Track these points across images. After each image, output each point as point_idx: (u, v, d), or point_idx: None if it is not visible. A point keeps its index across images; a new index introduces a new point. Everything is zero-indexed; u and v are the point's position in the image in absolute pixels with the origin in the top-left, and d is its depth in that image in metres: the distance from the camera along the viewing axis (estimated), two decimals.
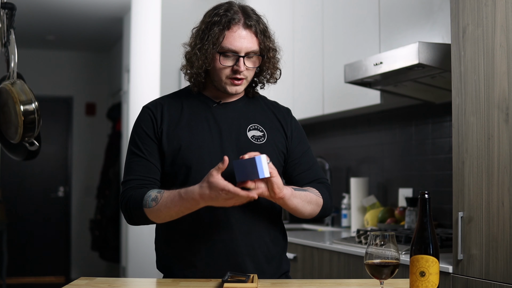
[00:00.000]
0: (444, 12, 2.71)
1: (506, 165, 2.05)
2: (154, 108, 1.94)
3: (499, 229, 2.06)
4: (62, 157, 7.86)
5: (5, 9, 2.43)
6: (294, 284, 1.80)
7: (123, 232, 6.32)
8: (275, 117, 2.00)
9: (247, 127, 1.93)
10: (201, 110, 1.94)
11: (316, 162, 2.05)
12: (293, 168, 1.98)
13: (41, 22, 6.56)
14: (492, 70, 2.12)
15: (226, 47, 1.86)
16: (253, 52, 1.88)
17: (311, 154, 2.04)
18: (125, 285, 1.93)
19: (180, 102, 1.97)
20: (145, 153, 1.89)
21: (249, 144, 1.90)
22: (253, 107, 2.00)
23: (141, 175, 1.88)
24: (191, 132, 1.90)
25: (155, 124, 1.91)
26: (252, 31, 1.87)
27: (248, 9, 1.92)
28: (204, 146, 1.88)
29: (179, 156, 1.88)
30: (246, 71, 1.89)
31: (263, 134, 1.94)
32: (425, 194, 1.58)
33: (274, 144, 1.94)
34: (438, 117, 3.25)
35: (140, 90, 5.42)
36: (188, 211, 1.79)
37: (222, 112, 1.95)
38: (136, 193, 1.84)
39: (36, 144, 2.50)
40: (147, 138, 1.90)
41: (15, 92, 2.42)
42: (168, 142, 1.89)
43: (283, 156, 1.97)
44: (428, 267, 1.54)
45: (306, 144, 2.04)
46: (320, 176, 2.02)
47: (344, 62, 3.28)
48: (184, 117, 1.93)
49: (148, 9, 5.17)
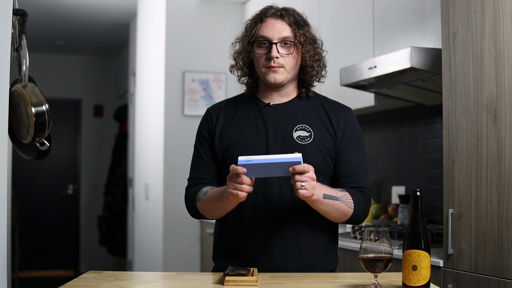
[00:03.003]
0: (435, 18, 2.72)
1: (494, 164, 2.07)
2: (212, 111, 2.02)
3: (488, 225, 2.09)
4: (71, 156, 7.90)
5: (17, 16, 2.45)
6: (292, 278, 1.81)
7: (130, 228, 6.33)
8: (327, 117, 1.96)
9: (294, 128, 1.92)
10: (252, 111, 1.97)
11: (365, 171, 1.96)
12: (339, 170, 1.93)
13: (51, 28, 6.57)
14: (481, 74, 2.13)
15: (259, 35, 1.90)
16: (286, 38, 1.88)
17: (361, 161, 1.96)
18: (132, 279, 1.96)
19: (237, 104, 2.02)
20: (201, 153, 1.99)
21: (293, 144, 1.89)
22: (304, 108, 1.97)
23: (199, 174, 1.99)
24: (239, 132, 1.94)
25: (211, 125, 1.99)
26: (285, 20, 1.90)
27: (289, 8, 1.95)
28: (250, 145, 1.91)
29: (228, 155, 1.93)
30: (282, 58, 1.89)
31: (309, 135, 1.91)
32: (417, 192, 1.60)
33: (320, 144, 1.90)
34: (429, 119, 3.25)
35: (146, 92, 5.43)
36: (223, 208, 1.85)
37: (271, 113, 1.95)
38: (194, 189, 1.97)
39: (46, 144, 2.52)
40: (204, 139, 2.00)
41: (26, 95, 2.43)
42: (219, 142, 1.96)
43: (331, 156, 1.92)
44: (420, 261, 1.56)
45: (359, 149, 1.96)
46: (362, 185, 1.93)
47: (340, 66, 3.26)
48: (237, 118, 1.97)
49: (154, 15, 5.17)
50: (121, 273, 1.91)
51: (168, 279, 1.83)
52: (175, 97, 4.82)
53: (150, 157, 5.24)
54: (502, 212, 2.04)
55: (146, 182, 5.34)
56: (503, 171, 2.05)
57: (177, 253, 4.80)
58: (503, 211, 2.04)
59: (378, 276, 1.62)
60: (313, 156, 1.88)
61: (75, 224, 7.83)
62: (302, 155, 1.76)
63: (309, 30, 1.95)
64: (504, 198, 2.04)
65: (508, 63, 2.04)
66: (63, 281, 1.76)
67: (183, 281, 1.77)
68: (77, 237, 7.82)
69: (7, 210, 2.21)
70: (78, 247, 7.81)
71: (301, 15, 1.96)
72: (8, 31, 2.22)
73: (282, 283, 1.73)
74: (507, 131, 2.04)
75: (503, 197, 2.04)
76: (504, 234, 2.03)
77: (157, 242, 4.92)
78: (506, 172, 2.04)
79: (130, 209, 6.28)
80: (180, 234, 4.81)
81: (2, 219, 2.18)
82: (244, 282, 1.65)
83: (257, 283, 1.66)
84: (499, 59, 2.07)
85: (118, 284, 1.73)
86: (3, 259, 2.18)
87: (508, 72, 2.04)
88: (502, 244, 2.04)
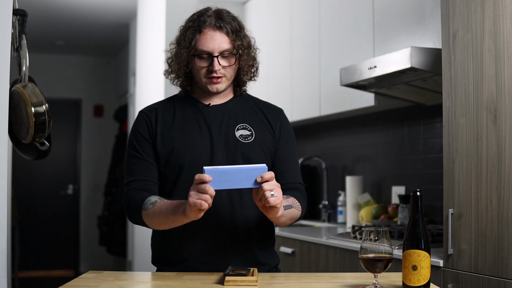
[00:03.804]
0: (435, 18, 2.73)
1: (494, 164, 2.07)
2: (149, 112, 2.00)
3: (488, 225, 2.09)
4: (71, 156, 7.91)
5: (17, 16, 2.45)
6: (292, 278, 1.81)
7: (130, 228, 6.34)
8: (265, 117, 2.02)
9: (235, 127, 1.96)
10: (191, 112, 1.99)
11: (298, 167, 2.05)
12: (275, 167, 1.99)
13: (51, 28, 6.57)
14: (480, 74, 2.13)
15: (199, 48, 1.91)
16: (226, 50, 1.91)
17: (295, 157, 2.04)
18: (131, 279, 1.95)
19: (173, 106, 2.02)
20: (143, 154, 1.94)
21: (237, 143, 1.94)
22: (242, 108, 2.02)
23: (142, 176, 1.93)
24: (183, 134, 1.94)
25: (150, 126, 1.96)
26: (223, 31, 1.91)
27: (223, 12, 1.95)
28: (195, 146, 1.92)
29: (172, 157, 1.92)
30: (223, 69, 1.92)
31: (251, 133, 1.96)
32: (417, 192, 1.60)
33: (262, 142, 1.96)
34: (429, 118, 3.26)
35: (146, 92, 5.43)
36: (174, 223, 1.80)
37: (211, 114, 1.98)
38: (138, 195, 1.89)
39: (46, 144, 2.51)
40: (144, 140, 1.96)
41: (26, 95, 2.43)
42: (162, 144, 1.94)
43: (271, 154, 1.99)
44: (420, 261, 1.56)
45: (292, 146, 2.04)
46: (298, 180, 2.02)
47: (340, 66, 3.28)
48: (177, 120, 1.97)
49: (153, 15, 5.18)
50: (121, 273, 1.90)
51: (168, 279, 1.82)
52: None
53: None
54: (502, 212, 2.04)
55: None
56: (503, 171, 2.05)
57: None
58: (503, 211, 2.04)
59: (378, 276, 1.62)
60: (256, 154, 1.93)
61: (75, 224, 7.84)
62: (247, 153, 1.88)
63: (244, 34, 1.97)
64: (504, 198, 2.04)
65: (508, 63, 2.04)
66: (63, 281, 1.76)
67: (183, 281, 1.76)
68: (77, 237, 7.83)
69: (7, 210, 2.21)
70: (78, 247, 7.82)
71: (235, 18, 1.96)
72: (8, 31, 2.23)
73: (282, 283, 1.73)
74: (507, 131, 2.04)
75: (503, 197, 2.04)
76: (504, 234, 2.03)
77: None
78: (506, 172, 2.04)
79: None
80: None
81: (2, 219, 2.18)
82: (244, 282, 1.66)
83: (257, 283, 1.66)
84: (499, 59, 2.07)
85: (118, 284, 1.73)
86: (3, 259, 2.18)
87: (508, 72, 2.04)
88: (502, 244, 2.04)
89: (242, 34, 1.95)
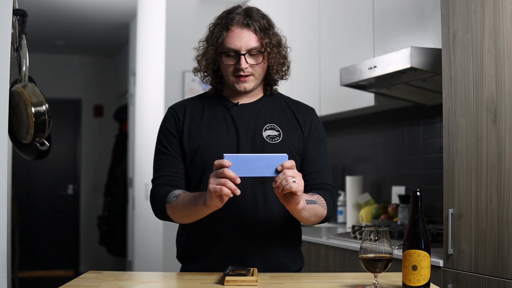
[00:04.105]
0: (435, 18, 2.73)
1: (494, 164, 2.07)
2: (177, 109, 2.00)
3: (488, 225, 2.09)
4: (71, 156, 7.92)
5: (17, 16, 2.45)
6: (292, 278, 1.81)
7: (130, 228, 6.35)
8: (294, 116, 1.99)
9: (263, 127, 1.94)
10: (220, 111, 1.97)
11: (328, 168, 2.00)
12: (304, 167, 1.96)
13: (51, 28, 6.58)
14: (481, 74, 2.14)
15: (226, 46, 1.89)
16: (253, 49, 1.88)
17: (325, 158, 2.00)
18: (132, 279, 1.95)
19: (202, 103, 2.01)
20: (170, 150, 1.95)
21: (263, 144, 1.91)
22: (271, 107, 1.99)
23: (168, 172, 1.93)
24: (209, 132, 1.93)
25: (178, 123, 1.96)
26: (251, 29, 1.88)
27: (252, 10, 1.93)
28: (221, 145, 1.90)
29: (198, 155, 1.92)
30: (251, 68, 1.90)
31: (278, 134, 1.93)
32: (417, 192, 1.60)
33: (289, 142, 1.93)
34: (429, 119, 3.26)
35: (146, 92, 5.44)
36: (195, 214, 1.79)
37: (240, 113, 1.96)
38: (162, 190, 1.89)
39: (46, 144, 2.51)
40: (171, 136, 1.96)
41: (26, 95, 2.43)
42: (188, 141, 1.93)
43: (299, 155, 1.96)
44: (420, 261, 1.56)
45: (323, 147, 2.00)
46: (326, 181, 1.97)
47: (340, 66, 3.28)
48: (205, 118, 1.96)
49: (153, 15, 5.18)
50: (121, 273, 1.91)
51: (168, 279, 1.83)
52: (175, 97, 4.83)
53: (150, 157, 5.23)
54: (502, 212, 2.05)
55: (146, 182, 5.34)
56: (503, 171, 2.05)
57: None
58: (503, 211, 2.04)
59: (378, 276, 1.62)
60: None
61: (75, 224, 7.85)
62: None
63: (274, 32, 1.95)
64: (504, 198, 2.04)
65: (508, 63, 2.05)
66: (63, 281, 1.76)
67: (183, 281, 1.77)
68: (77, 237, 7.84)
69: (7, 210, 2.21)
70: (78, 247, 7.83)
71: (265, 16, 1.94)
72: (8, 31, 2.23)
73: (282, 283, 1.73)
74: (507, 131, 2.05)
75: (503, 197, 2.05)
76: (504, 234, 2.04)
77: (157, 242, 4.92)
78: (506, 172, 2.04)
79: (130, 209, 6.28)
80: None
81: (2, 219, 2.18)
82: (244, 282, 1.66)
83: (257, 283, 1.66)
84: (499, 59, 2.08)
85: (118, 284, 1.73)
86: (3, 259, 2.18)
87: (508, 72, 2.05)
88: (502, 244, 2.04)
89: (271, 32, 1.93)
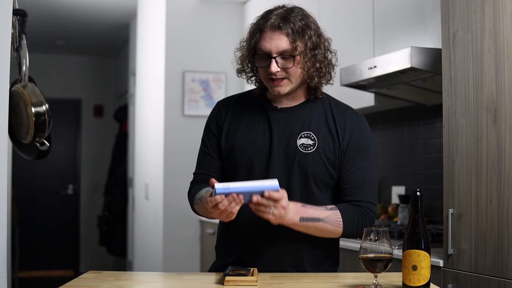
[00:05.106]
0: (435, 18, 2.73)
1: (494, 164, 2.08)
2: (222, 106, 1.99)
3: (488, 225, 2.09)
4: (71, 156, 7.93)
5: (17, 16, 2.45)
6: (292, 277, 1.81)
7: (130, 228, 6.36)
8: (334, 126, 1.89)
9: (298, 135, 1.87)
10: (259, 112, 1.93)
11: (368, 183, 1.89)
12: (340, 181, 1.88)
13: (51, 28, 6.58)
14: (480, 74, 2.14)
15: (258, 48, 1.85)
16: (285, 52, 1.81)
17: (365, 172, 1.89)
18: (131, 279, 1.95)
19: (246, 102, 1.97)
20: (209, 148, 1.96)
21: (295, 152, 1.85)
22: (311, 114, 1.91)
23: (204, 169, 1.97)
24: (245, 134, 1.90)
25: (219, 121, 1.96)
26: (283, 32, 1.80)
27: (292, 11, 1.86)
28: (254, 149, 1.88)
29: (231, 156, 1.91)
30: (284, 71, 1.83)
31: (313, 143, 1.86)
32: (417, 192, 1.60)
33: (323, 153, 1.86)
34: (429, 119, 3.26)
35: (146, 92, 5.45)
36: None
37: (277, 117, 1.90)
38: (194, 188, 1.96)
39: (46, 144, 2.51)
40: (211, 134, 1.96)
41: (26, 95, 2.43)
42: (226, 140, 1.93)
43: (333, 166, 1.87)
44: (420, 261, 1.56)
45: (363, 161, 1.89)
46: (363, 198, 1.87)
47: (340, 66, 3.28)
48: (244, 118, 1.93)
49: (153, 15, 5.19)
50: (121, 273, 1.91)
51: (168, 279, 1.83)
52: (175, 97, 4.83)
53: (150, 157, 5.25)
54: (502, 212, 2.05)
55: (146, 182, 5.35)
56: (503, 171, 2.06)
57: (177, 253, 4.81)
58: (503, 211, 2.05)
59: (378, 276, 1.62)
60: (314, 165, 1.85)
61: (75, 224, 7.86)
62: (303, 164, 1.81)
63: (311, 35, 1.85)
64: (504, 198, 2.04)
65: (508, 63, 2.05)
66: (63, 281, 1.76)
67: (183, 281, 1.77)
68: (77, 237, 7.84)
69: (7, 210, 2.21)
70: (78, 247, 7.83)
71: (304, 19, 1.85)
72: (8, 31, 2.23)
73: (282, 283, 1.73)
74: (507, 131, 2.05)
75: (503, 197, 2.05)
76: (504, 234, 2.04)
77: (157, 242, 4.92)
78: (506, 172, 2.04)
79: (130, 209, 6.29)
80: (180, 234, 4.81)
81: (2, 219, 2.18)
82: (244, 282, 1.66)
83: (257, 283, 1.66)
84: (499, 59, 2.08)
85: (118, 284, 1.74)
86: (3, 259, 2.18)
87: (508, 72, 2.05)
88: (502, 244, 2.04)
89: (308, 35, 1.84)
